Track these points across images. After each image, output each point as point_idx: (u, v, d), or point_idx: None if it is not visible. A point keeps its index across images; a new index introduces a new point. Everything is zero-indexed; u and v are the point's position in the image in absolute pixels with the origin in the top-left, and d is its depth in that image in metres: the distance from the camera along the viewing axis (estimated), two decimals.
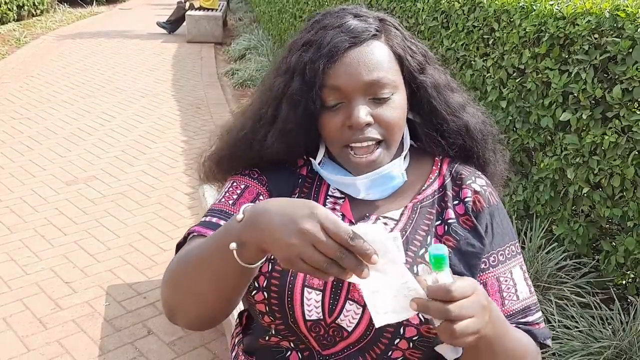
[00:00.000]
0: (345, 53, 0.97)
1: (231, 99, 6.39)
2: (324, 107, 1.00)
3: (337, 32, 0.98)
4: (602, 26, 2.30)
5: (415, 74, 1.05)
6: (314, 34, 1.01)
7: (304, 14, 6.51)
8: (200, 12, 9.50)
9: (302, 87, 0.99)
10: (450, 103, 1.08)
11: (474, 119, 1.11)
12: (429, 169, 1.10)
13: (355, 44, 0.98)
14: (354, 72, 0.97)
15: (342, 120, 0.99)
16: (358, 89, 0.97)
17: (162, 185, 4.15)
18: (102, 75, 7.18)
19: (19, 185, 4.04)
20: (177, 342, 2.55)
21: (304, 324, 0.99)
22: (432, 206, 1.06)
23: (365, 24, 1.00)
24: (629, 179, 2.24)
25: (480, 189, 1.06)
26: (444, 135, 1.08)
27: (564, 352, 2.15)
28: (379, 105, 0.99)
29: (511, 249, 1.06)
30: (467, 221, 1.04)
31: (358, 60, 0.97)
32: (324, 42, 0.98)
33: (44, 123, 5.36)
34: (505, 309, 1.01)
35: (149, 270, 3.07)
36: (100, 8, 13.15)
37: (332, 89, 0.98)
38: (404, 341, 0.97)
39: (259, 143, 1.05)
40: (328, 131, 1.01)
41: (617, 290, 2.47)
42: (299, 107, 1.00)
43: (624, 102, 2.22)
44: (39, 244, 3.29)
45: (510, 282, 1.03)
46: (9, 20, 9.89)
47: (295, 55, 1.02)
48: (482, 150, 1.12)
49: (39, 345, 2.49)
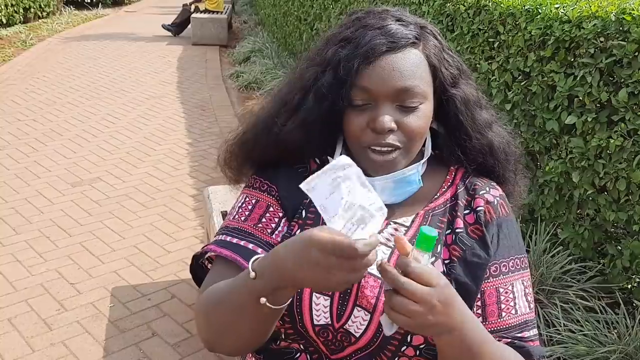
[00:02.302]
0: (381, 56, 0.96)
1: (236, 102, 6.40)
2: (351, 105, 0.99)
3: (377, 34, 0.97)
4: (608, 29, 2.29)
5: (447, 87, 1.04)
6: (353, 31, 1.00)
7: (308, 17, 6.52)
8: (206, 14, 9.53)
9: (333, 82, 0.98)
10: (477, 120, 1.07)
11: (499, 138, 1.10)
12: (443, 177, 1.10)
13: (392, 49, 0.97)
14: (386, 76, 0.96)
15: (367, 121, 0.98)
16: (388, 94, 0.97)
17: (166, 187, 4.15)
18: (107, 77, 7.21)
19: (24, 187, 4.06)
20: (181, 344, 2.55)
21: (312, 329, 0.99)
22: (443, 215, 1.05)
23: (405, 30, 0.99)
24: (635, 182, 2.24)
25: (493, 200, 1.05)
26: (465, 151, 1.07)
27: (569, 356, 2.15)
28: (405, 113, 0.98)
29: (516, 262, 1.04)
30: (476, 230, 1.03)
31: (393, 66, 0.97)
32: (362, 41, 0.97)
33: (50, 125, 5.38)
34: (501, 321, 1.00)
35: (153, 272, 3.08)
36: (105, 11, 13.21)
37: (363, 89, 0.97)
38: (410, 349, 0.97)
39: (278, 127, 1.04)
40: (351, 129, 1.00)
41: (623, 294, 2.46)
42: (325, 101, 0.99)
43: (629, 105, 2.21)
44: (44, 245, 3.30)
45: (510, 294, 1.02)
46: (15, 22, 9.95)
47: (332, 49, 1.01)
48: (503, 170, 1.11)
49: (44, 346, 2.50)
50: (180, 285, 2.97)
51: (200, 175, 4.39)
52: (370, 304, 0.97)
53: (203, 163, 4.63)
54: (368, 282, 0.99)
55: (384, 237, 1.03)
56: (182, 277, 3.04)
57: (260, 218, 1.06)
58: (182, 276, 3.05)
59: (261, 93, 6.30)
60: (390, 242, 1.03)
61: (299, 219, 1.05)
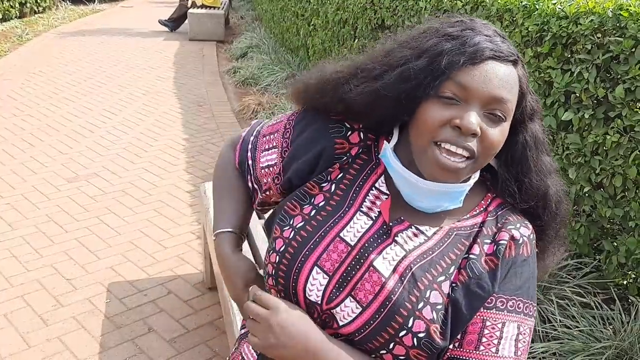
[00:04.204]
0: (487, 60, 0.96)
1: (233, 97, 6.39)
2: (437, 96, 0.97)
3: (485, 39, 0.97)
4: (605, 25, 2.29)
5: (525, 118, 1.04)
6: (459, 31, 0.99)
7: (305, 13, 6.51)
8: (203, 10, 9.49)
9: (426, 68, 0.97)
10: (541, 161, 1.06)
11: (555, 189, 1.08)
12: (478, 201, 1.08)
13: (498, 58, 0.97)
14: (487, 80, 0.95)
15: (450, 117, 0.95)
16: (483, 97, 0.95)
17: (163, 183, 4.15)
18: (103, 72, 7.19)
19: (20, 182, 4.05)
20: (177, 339, 2.55)
21: (303, 301, 1.01)
22: (467, 238, 1.03)
23: (510, 48, 0.99)
24: (631, 178, 2.24)
25: (519, 238, 1.02)
26: (521, 188, 1.05)
27: (564, 352, 2.15)
28: (490, 122, 0.97)
29: (517, 304, 1.00)
30: (490, 262, 1.01)
31: (496, 73, 0.96)
32: (470, 41, 0.96)
33: (46, 120, 5.37)
34: (477, 354, 0.97)
35: (149, 268, 3.08)
36: (102, 6, 13.15)
37: (459, 85, 0.95)
38: (389, 355, 0.97)
39: (347, 87, 1.04)
40: (430, 120, 0.97)
41: (618, 291, 2.46)
42: (407, 83, 0.98)
43: (626, 101, 2.21)
44: (40, 241, 3.30)
45: (497, 332, 0.98)
46: (11, 17, 9.90)
47: (433, 40, 0.99)
48: (548, 224, 1.09)
49: (40, 341, 2.50)
50: (177, 281, 2.97)
51: (196, 171, 4.39)
52: (366, 298, 0.97)
53: (200, 159, 4.62)
54: (372, 277, 0.98)
55: (402, 239, 1.02)
56: (178, 273, 3.04)
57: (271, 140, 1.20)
58: (178, 272, 3.05)
59: (258, 89, 6.29)
60: (400, 240, 1.02)
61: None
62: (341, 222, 1.04)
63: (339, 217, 1.04)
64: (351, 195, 1.07)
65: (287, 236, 1.04)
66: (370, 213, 1.05)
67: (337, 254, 1.01)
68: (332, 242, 1.02)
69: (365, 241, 1.01)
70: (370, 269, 0.98)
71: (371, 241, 1.01)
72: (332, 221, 1.04)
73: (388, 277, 0.98)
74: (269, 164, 1.18)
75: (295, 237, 1.03)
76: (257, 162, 1.20)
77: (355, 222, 1.04)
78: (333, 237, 1.02)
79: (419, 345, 0.95)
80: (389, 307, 0.96)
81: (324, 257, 1.00)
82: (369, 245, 1.01)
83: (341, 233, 1.02)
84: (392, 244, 1.01)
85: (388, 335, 0.96)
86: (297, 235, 1.03)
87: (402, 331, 0.95)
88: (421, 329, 0.95)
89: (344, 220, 1.04)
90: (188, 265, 3.11)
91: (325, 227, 1.03)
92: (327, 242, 1.02)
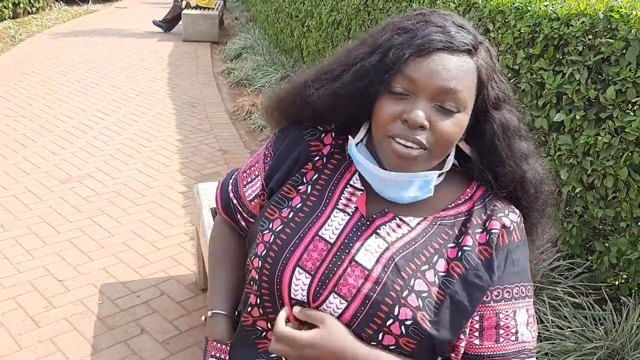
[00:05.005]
0: (435, 52, 0.96)
1: (227, 98, 6.38)
2: (388, 92, 0.98)
3: (436, 31, 0.97)
4: (596, 27, 2.31)
5: (488, 107, 1.03)
6: (413, 24, 1.00)
7: (300, 14, 6.51)
8: (197, 11, 9.48)
9: (377, 65, 0.98)
10: (513, 148, 1.06)
11: (533, 172, 1.08)
12: (462, 190, 1.09)
13: (447, 49, 0.96)
14: (434, 72, 0.95)
15: (400, 111, 0.97)
16: (430, 89, 0.96)
17: (156, 184, 4.14)
18: (97, 73, 7.16)
19: (12, 183, 4.03)
20: (170, 340, 2.54)
21: (289, 301, 1.02)
22: (451, 227, 1.05)
23: (464, 37, 0.99)
24: (622, 179, 2.25)
25: (510, 225, 1.04)
26: (496, 177, 1.06)
27: (556, 352, 2.16)
28: (440, 114, 0.97)
29: (521, 290, 1.04)
30: (484, 251, 1.02)
31: (444, 64, 0.96)
32: (420, 33, 0.97)
33: (39, 121, 5.34)
34: (498, 346, 1.01)
35: (142, 269, 3.07)
36: (96, 6, 13.11)
37: (407, 79, 0.96)
38: (380, 347, 0.99)
39: (310, 90, 1.06)
40: (382, 116, 0.99)
41: (610, 291, 2.47)
42: (362, 81, 1.00)
43: (617, 103, 2.23)
44: (32, 242, 3.28)
45: (512, 321, 1.02)
46: (4, 17, 9.85)
47: (387, 35, 1.00)
48: (529, 205, 1.10)
49: (32, 343, 2.48)
50: (170, 282, 2.96)
51: (190, 172, 4.38)
52: (350, 292, 0.98)
53: (193, 160, 4.62)
54: (354, 272, 0.99)
55: (385, 231, 1.03)
56: (171, 274, 3.03)
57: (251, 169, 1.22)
58: (171, 273, 3.04)
59: (252, 90, 6.29)
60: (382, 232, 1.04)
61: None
62: (319, 221, 1.05)
63: (316, 216, 1.06)
64: (327, 194, 1.09)
65: (267, 240, 1.05)
66: (346, 209, 1.06)
67: (318, 252, 1.02)
68: (312, 241, 1.03)
69: (345, 237, 1.03)
70: (352, 264, 1.00)
71: (350, 235, 1.03)
72: (310, 221, 1.06)
73: (371, 269, 0.99)
74: (256, 194, 1.18)
75: (276, 240, 1.05)
76: (243, 198, 1.21)
77: (333, 219, 1.05)
78: (312, 236, 1.04)
79: (407, 333, 0.96)
80: (373, 297, 0.97)
81: (305, 257, 1.02)
82: (348, 240, 1.03)
83: (320, 232, 1.04)
84: (372, 235, 1.03)
85: (376, 326, 0.97)
86: (277, 238, 1.05)
87: (389, 319, 0.96)
88: (408, 316, 0.96)
89: (322, 219, 1.06)
90: (181, 267, 3.10)
91: (304, 228, 1.05)
92: (307, 242, 1.03)
